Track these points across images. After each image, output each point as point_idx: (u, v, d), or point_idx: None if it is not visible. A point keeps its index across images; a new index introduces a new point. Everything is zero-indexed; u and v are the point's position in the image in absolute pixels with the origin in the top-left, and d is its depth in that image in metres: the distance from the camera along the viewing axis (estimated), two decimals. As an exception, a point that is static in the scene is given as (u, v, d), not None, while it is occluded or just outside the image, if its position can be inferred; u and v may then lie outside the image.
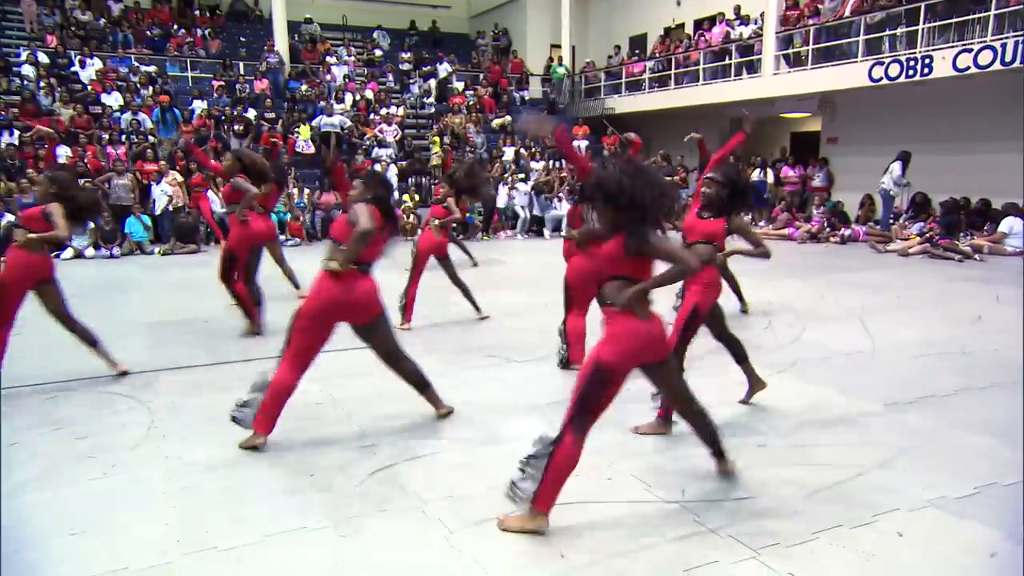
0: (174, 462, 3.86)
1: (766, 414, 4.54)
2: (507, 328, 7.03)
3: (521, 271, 11.02)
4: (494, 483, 3.51)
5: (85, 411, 4.69)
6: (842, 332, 6.62)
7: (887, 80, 13.24)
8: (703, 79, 17.66)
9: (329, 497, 3.46)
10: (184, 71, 19.47)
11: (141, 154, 14.76)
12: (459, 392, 4.97)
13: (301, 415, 4.50)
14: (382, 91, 20.27)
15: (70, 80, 16.98)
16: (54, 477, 3.71)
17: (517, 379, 5.33)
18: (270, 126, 17.07)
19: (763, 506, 3.33)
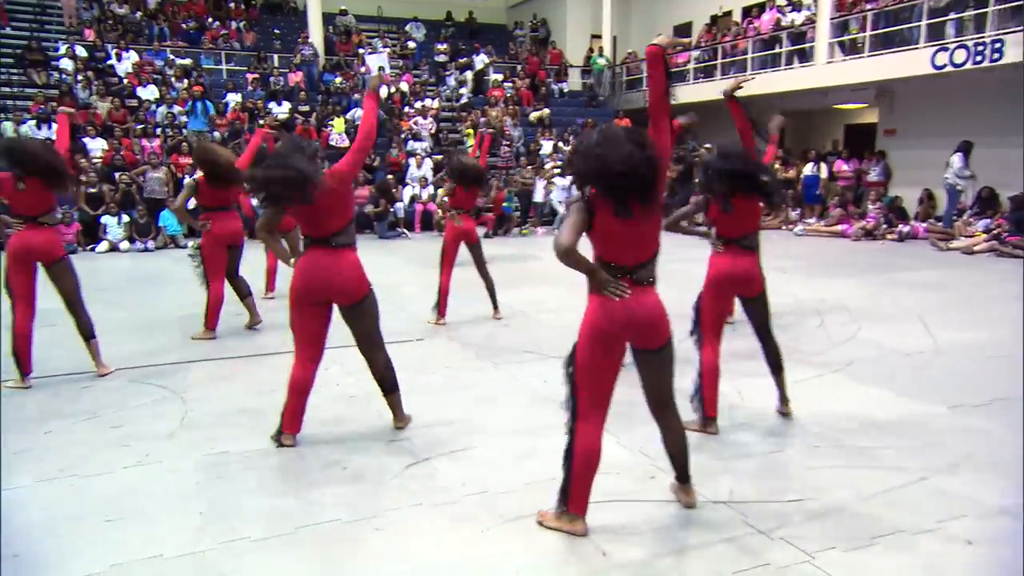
0: (207, 452, 3.91)
1: (819, 415, 4.44)
2: (543, 324, 7.00)
3: (557, 268, 10.87)
4: (531, 479, 3.52)
5: (119, 400, 4.79)
6: (901, 332, 6.45)
7: (952, 67, 12.80)
8: (751, 69, 17.37)
9: (363, 489, 3.48)
10: (219, 64, 19.83)
11: (176, 147, 15.06)
12: (494, 387, 5.01)
13: (335, 408, 4.57)
14: (417, 84, 20.42)
15: (107, 73, 17.41)
16: (89, 464, 3.78)
17: (555, 376, 5.22)
18: (304, 119, 17.29)
19: (817, 508, 3.26)
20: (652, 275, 2.97)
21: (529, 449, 3.91)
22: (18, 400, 4.85)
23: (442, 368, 5.49)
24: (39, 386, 5.13)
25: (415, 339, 6.34)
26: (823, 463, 3.76)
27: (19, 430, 4.29)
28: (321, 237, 3.88)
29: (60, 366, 5.54)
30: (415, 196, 16.44)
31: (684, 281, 5.96)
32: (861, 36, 14.87)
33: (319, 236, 3.89)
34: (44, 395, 4.93)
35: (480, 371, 5.36)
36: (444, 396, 4.82)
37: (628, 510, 3.28)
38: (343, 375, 5.13)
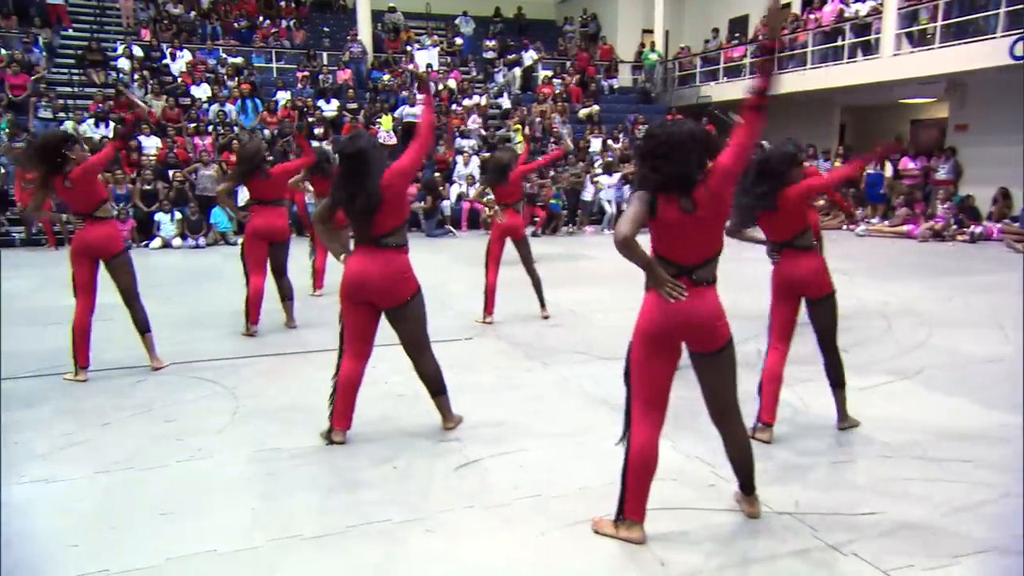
0: (259, 447, 3.95)
1: (889, 424, 4.28)
2: (594, 325, 6.94)
3: (607, 267, 10.82)
4: (584, 484, 3.47)
5: (173, 395, 4.89)
6: (976, 338, 6.22)
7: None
8: (811, 62, 17.04)
9: (413, 489, 3.47)
10: (269, 62, 20.18)
11: (227, 145, 15.36)
12: (544, 388, 4.97)
13: (385, 405, 4.58)
14: (465, 81, 20.48)
15: (162, 72, 17.86)
16: (143, 458, 3.85)
17: (606, 377, 5.11)
18: (352, 116, 17.49)
19: (892, 523, 3.13)
20: (712, 275, 2.88)
21: (582, 453, 3.86)
22: (76, 392, 4.98)
23: (491, 368, 5.47)
24: (95, 379, 5.26)
25: (463, 338, 6.35)
26: (896, 475, 3.62)
27: (78, 421, 4.41)
28: (372, 237, 3.87)
29: (116, 359, 5.68)
30: (462, 194, 16.50)
31: (744, 281, 5.88)
32: (932, 26, 14.35)
33: (370, 236, 3.88)
34: (100, 388, 5.06)
35: (529, 371, 5.33)
36: (493, 396, 4.80)
37: (688, 518, 3.21)
38: (391, 373, 5.12)
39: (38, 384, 5.19)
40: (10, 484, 3.56)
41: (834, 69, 16.29)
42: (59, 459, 3.86)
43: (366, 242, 3.89)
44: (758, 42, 4.80)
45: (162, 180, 14.18)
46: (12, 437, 4.16)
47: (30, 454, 3.93)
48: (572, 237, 15.02)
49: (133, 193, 13.77)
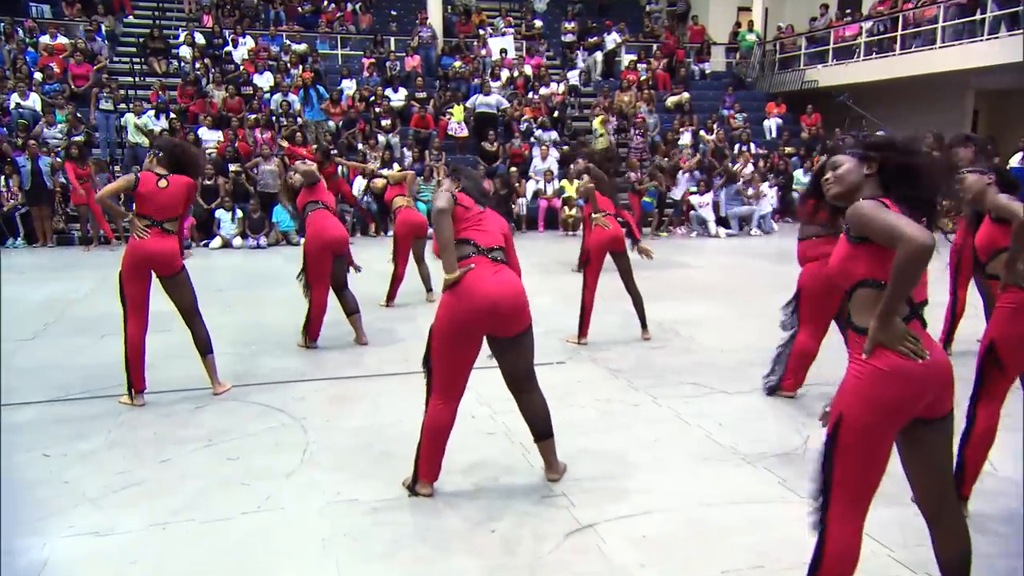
0: (333, 498, 3.66)
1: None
2: (703, 347, 6.50)
3: (707, 276, 10.40)
4: (728, 567, 3.04)
5: (236, 425, 4.66)
6: None
7: None
8: (942, 40, 15.93)
9: (517, 564, 3.10)
10: (334, 48, 20.21)
11: (290, 137, 15.35)
12: (658, 428, 4.56)
13: (474, 447, 4.24)
14: (543, 67, 20.10)
15: (223, 60, 18.03)
16: (206, 506, 3.61)
17: (730, 417, 4.76)
18: (421, 107, 17.33)
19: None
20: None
21: (716, 521, 3.43)
22: (132, 419, 4.80)
23: (592, 400, 5.08)
24: (151, 403, 5.09)
25: (555, 361, 5.98)
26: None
27: (133, 457, 4.21)
28: (488, 247, 3.58)
29: (174, 379, 5.52)
30: (539, 191, 16.14)
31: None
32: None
33: (487, 246, 3.58)
34: (157, 415, 4.87)
35: (638, 406, 4.91)
36: (599, 438, 4.42)
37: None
38: (476, 404, 4.81)
39: (90, 408, 5.04)
40: (58, 536, 3.37)
41: (972, 47, 15.09)
42: (112, 504, 3.65)
43: (483, 254, 3.55)
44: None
45: (222, 175, 14.23)
46: (62, 475, 3.99)
47: (80, 497, 3.73)
48: (661, 240, 14.43)
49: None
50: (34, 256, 12.51)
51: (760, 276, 10.08)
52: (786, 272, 8.14)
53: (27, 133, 14.15)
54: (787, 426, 4.56)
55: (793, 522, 3.34)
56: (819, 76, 19.18)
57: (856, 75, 18.04)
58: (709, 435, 4.41)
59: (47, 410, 5.02)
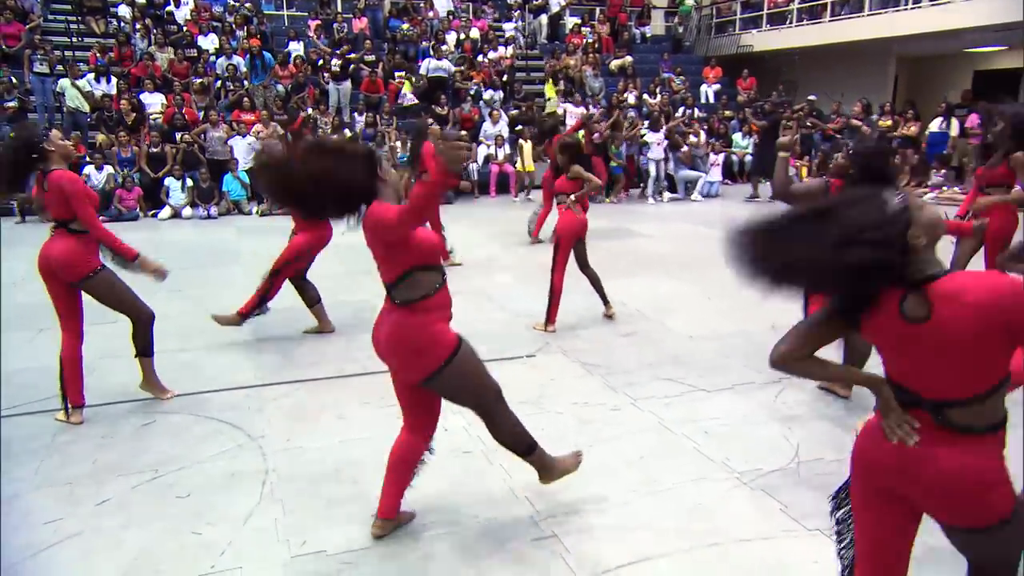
0: (298, 551, 3.05)
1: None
2: (673, 334, 5.95)
3: (660, 247, 9.76)
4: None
5: (186, 449, 3.98)
6: None
7: None
8: (869, 8, 15.60)
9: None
10: (280, 9, 18.89)
11: (237, 103, 14.27)
12: (642, 440, 4.01)
13: (450, 469, 3.65)
14: (489, 30, 19.12)
15: (166, 21, 16.64)
16: (149, 568, 2.96)
17: (713, 422, 4.23)
18: (371, 71, 16.28)
19: None
20: (980, 420, 1.81)
21: (729, 565, 2.93)
22: (67, 444, 4.07)
23: (568, 404, 4.51)
24: (92, 420, 4.37)
25: (524, 355, 5.41)
26: None
27: (67, 499, 3.50)
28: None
29: (117, 387, 4.80)
30: (490, 156, 15.35)
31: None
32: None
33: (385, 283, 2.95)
34: (97, 438, 4.14)
35: (617, 411, 4.37)
36: (583, 456, 3.77)
37: None
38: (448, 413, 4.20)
39: (21, 429, 4.28)
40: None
41: (896, 16, 14.83)
42: (35, 573, 2.99)
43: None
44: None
45: (169, 142, 13.13)
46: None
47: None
48: (615, 206, 13.80)
49: (139, 156, 12.77)
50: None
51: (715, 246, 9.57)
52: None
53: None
54: (774, 431, 4.09)
55: (809, 567, 2.90)
56: (754, 41, 18.70)
57: (788, 40, 17.63)
58: (698, 448, 3.89)
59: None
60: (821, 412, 4.35)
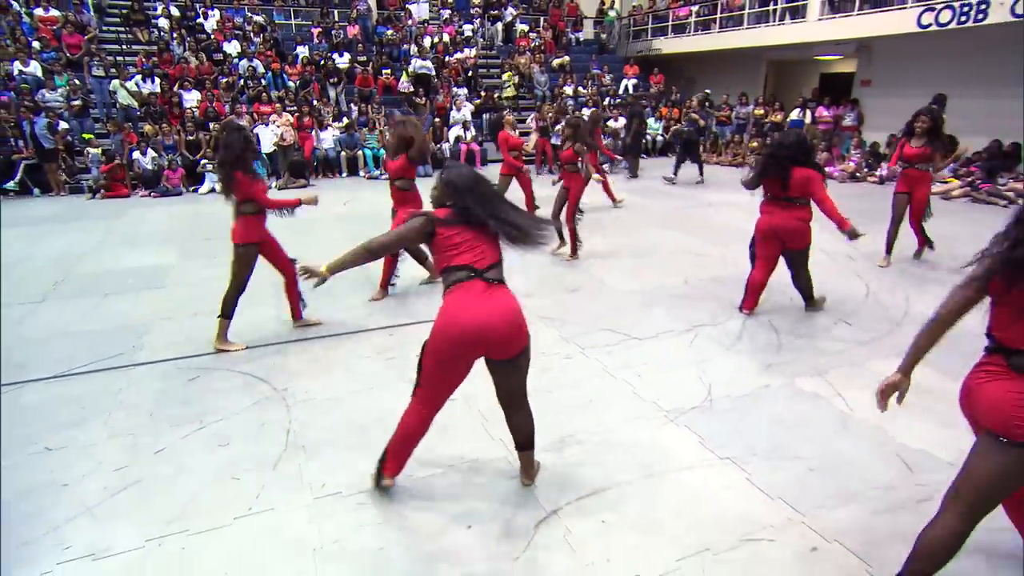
0: (318, 493, 2.82)
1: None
2: (611, 289, 5.53)
3: (599, 213, 9.38)
4: (682, 554, 2.39)
5: (224, 402, 3.66)
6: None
7: (936, 26, 10.81)
8: (747, 23, 15.12)
9: (499, 569, 2.38)
10: (288, 19, 17.57)
11: (257, 97, 13.33)
12: (591, 386, 3.76)
13: (437, 419, 3.37)
14: (457, 34, 18.12)
15: (197, 30, 15.33)
16: (199, 512, 2.71)
17: (644, 367, 3.98)
18: (363, 69, 15.33)
19: None
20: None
21: (665, 504, 2.69)
22: (131, 398, 3.73)
23: (535, 353, 4.20)
24: (148, 376, 4.02)
25: None
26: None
27: (131, 448, 3.20)
28: (484, 268, 2.47)
29: (166, 346, 4.42)
30: (460, 136, 14.71)
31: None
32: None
33: (483, 266, 2.46)
34: (153, 392, 3.81)
35: (569, 359, 4.13)
36: (545, 399, 3.53)
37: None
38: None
39: (92, 384, 3.91)
40: (54, 563, 2.44)
41: (767, 30, 14.44)
42: (108, 514, 2.71)
43: (477, 277, 2.45)
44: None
45: (203, 131, 12.23)
46: (62, 475, 2.99)
47: (79, 506, 2.76)
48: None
49: (179, 144, 11.89)
50: (51, 205, 10.52)
51: (640, 212, 9.30)
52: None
53: (31, 97, 11.67)
54: (691, 373, 3.88)
55: (722, 492, 2.76)
56: (662, 45, 18.00)
57: (688, 46, 17.04)
58: (635, 391, 3.68)
59: (51, 389, 3.88)
60: (725, 355, 4.17)
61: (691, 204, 9.52)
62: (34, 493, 2.86)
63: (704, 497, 2.73)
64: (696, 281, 5.64)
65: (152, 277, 6.14)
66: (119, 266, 6.60)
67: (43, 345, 4.53)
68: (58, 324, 4.95)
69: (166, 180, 11.12)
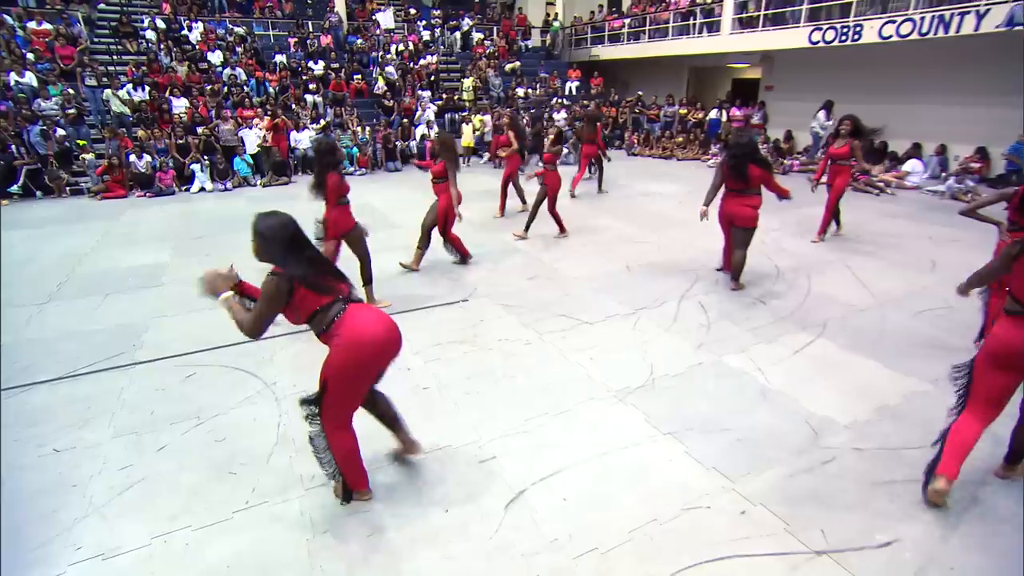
0: (309, 485, 2.67)
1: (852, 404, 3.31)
2: (563, 276, 5.35)
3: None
4: (634, 525, 2.34)
5: (220, 397, 3.43)
6: (838, 283, 5.06)
7: (824, 44, 10.98)
8: (671, 35, 14.94)
9: (475, 549, 2.29)
10: (267, 30, 16.48)
11: (240, 102, 12.53)
12: (547, 370, 3.63)
13: (411, 406, 3.20)
14: (420, 43, 17.38)
15: (182, 41, 14.22)
16: (200, 508, 2.53)
17: (595, 349, 3.87)
18: (336, 75, 14.57)
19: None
20: None
21: (617, 480, 2.64)
22: (133, 397, 3.45)
23: (495, 341, 4.06)
24: (149, 373, 3.73)
25: (460, 300, 4.86)
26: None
27: (135, 447, 2.97)
28: (348, 294, 2.35)
29: (165, 343, 4.10)
30: (424, 134, 14.21)
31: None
32: (756, 14, 12.57)
33: (346, 293, 2.32)
34: (153, 390, 3.54)
35: (529, 345, 4.00)
36: (509, 385, 3.46)
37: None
38: (411, 355, 3.79)
39: (97, 384, 3.61)
40: (66, 564, 2.23)
41: (688, 41, 14.29)
42: (116, 513, 2.51)
43: (350, 301, 2.29)
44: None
45: (191, 135, 11.44)
46: (70, 476, 2.74)
47: (88, 505, 2.55)
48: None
49: (170, 147, 11.10)
50: (52, 207, 9.71)
51: (588, 200, 9.15)
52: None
53: (28, 107, 10.65)
54: (635, 355, 3.81)
55: (665, 465, 2.72)
56: (600, 52, 17.68)
57: (622, 53, 16.78)
58: (588, 373, 3.59)
59: (58, 390, 3.56)
60: (664, 336, 4.09)
61: (628, 194, 9.45)
62: (45, 495, 2.63)
63: (650, 471, 2.69)
64: (636, 267, 5.58)
65: (149, 276, 5.72)
66: (119, 266, 6.13)
67: (49, 346, 4.17)
68: (63, 325, 4.57)
69: (159, 181, 10.39)
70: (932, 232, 6.79)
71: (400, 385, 3.33)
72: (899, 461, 2.71)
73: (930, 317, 4.32)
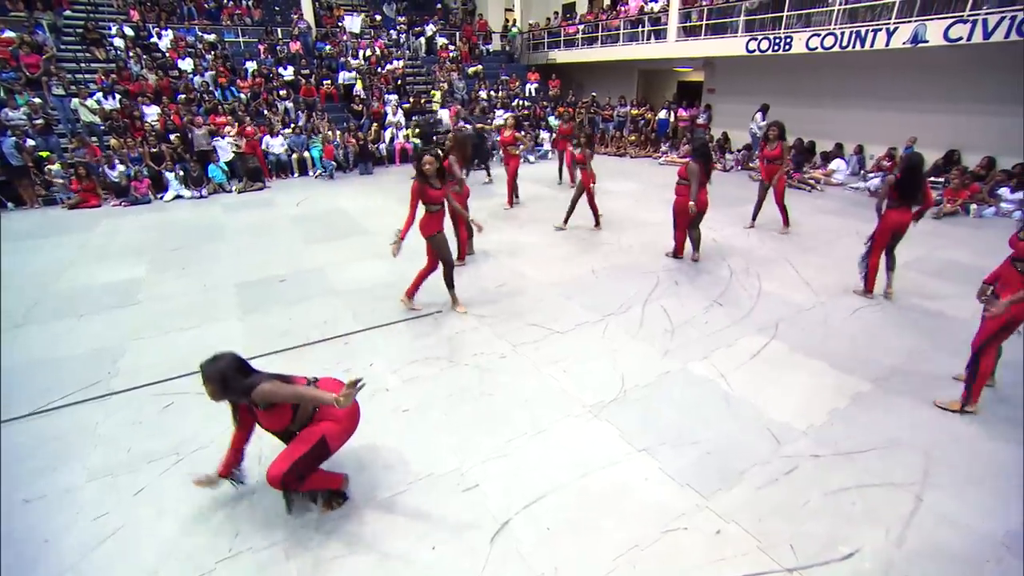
0: (292, 526, 2.42)
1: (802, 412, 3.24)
2: (531, 282, 5.10)
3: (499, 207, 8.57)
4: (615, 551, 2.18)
5: (199, 428, 3.10)
6: (784, 281, 4.96)
7: (759, 52, 11.05)
8: (622, 41, 14.68)
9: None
10: (237, 37, 15.37)
11: (213, 109, 11.67)
12: (522, 383, 3.43)
13: (392, 424, 2.96)
14: (387, 47, 16.57)
15: (152, 49, 13.08)
16: (181, 557, 2.25)
17: (568, 360, 3.67)
18: (305, 80, 13.75)
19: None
20: None
21: (598, 505, 2.47)
22: (108, 432, 3.07)
23: (470, 355, 3.78)
24: (125, 405, 3.35)
25: (435, 312, 4.51)
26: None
27: (111, 490, 2.63)
28: (313, 380, 2.40)
29: (142, 370, 3.71)
30: (394, 136, 13.62)
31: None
32: (699, 23, 12.48)
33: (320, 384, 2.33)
34: (130, 424, 3.18)
35: (504, 359, 3.75)
36: (488, 404, 3.22)
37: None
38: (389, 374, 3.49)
39: (71, 418, 3.22)
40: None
41: (637, 47, 14.07)
42: (93, 569, 2.22)
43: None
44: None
45: (164, 142, 10.59)
46: (41, 530, 2.41)
47: (61, 564, 2.23)
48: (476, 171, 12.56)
49: (144, 155, 10.25)
50: (25, 219, 8.82)
51: (551, 203, 8.86)
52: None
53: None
54: (605, 364, 3.63)
55: (641, 484, 2.58)
56: (556, 56, 17.26)
57: (577, 57, 16.44)
58: (562, 388, 3.38)
59: (29, 428, 3.16)
60: (631, 343, 3.90)
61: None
62: (13, 551, 2.29)
63: (628, 491, 2.55)
64: (601, 271, 5.41)
65: (125, 294, 5.21)
66: (94, 282, 5.58)
67: (22, 376, 3.72)
68: (35, 351, 4.09)
69: (135, 190, 9.60)
70: (858, 227, 6.87)
71: (380, 407, 3.08)
72: (853, 467, 2.65)
73: (864, 314, 4.33)
